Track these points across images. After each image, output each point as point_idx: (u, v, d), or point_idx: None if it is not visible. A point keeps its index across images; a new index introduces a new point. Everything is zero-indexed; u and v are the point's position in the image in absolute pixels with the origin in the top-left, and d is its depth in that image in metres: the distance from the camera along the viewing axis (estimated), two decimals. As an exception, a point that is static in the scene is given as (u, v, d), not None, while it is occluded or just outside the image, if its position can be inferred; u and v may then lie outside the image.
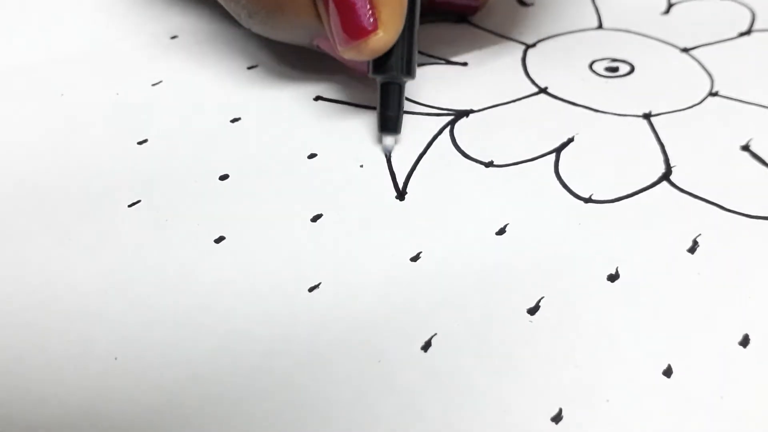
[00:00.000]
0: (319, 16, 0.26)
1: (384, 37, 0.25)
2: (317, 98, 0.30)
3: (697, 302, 0.22)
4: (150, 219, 0.24)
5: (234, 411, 0.19)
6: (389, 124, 0.27)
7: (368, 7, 0.25)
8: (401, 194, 0.25)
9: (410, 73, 0.27)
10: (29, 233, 0.23)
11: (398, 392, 0.19)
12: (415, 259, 0.23)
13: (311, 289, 0.22)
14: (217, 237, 0.23)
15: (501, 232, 0.24)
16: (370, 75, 0.27)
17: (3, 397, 0.19)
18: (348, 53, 0.25)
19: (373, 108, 0.28)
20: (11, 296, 0.21)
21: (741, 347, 0.21)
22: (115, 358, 0.20)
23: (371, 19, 0.25)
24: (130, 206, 0.24)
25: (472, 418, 0.19)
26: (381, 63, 0.26)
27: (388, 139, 0.27)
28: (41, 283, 0.22)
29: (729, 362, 0.20)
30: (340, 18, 0.25)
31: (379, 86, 0.27)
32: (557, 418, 0.19)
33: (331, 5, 0.25)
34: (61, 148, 0.27)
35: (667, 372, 0.20)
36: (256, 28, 0.28)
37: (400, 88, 0.27)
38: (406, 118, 0.29)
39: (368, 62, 0.27)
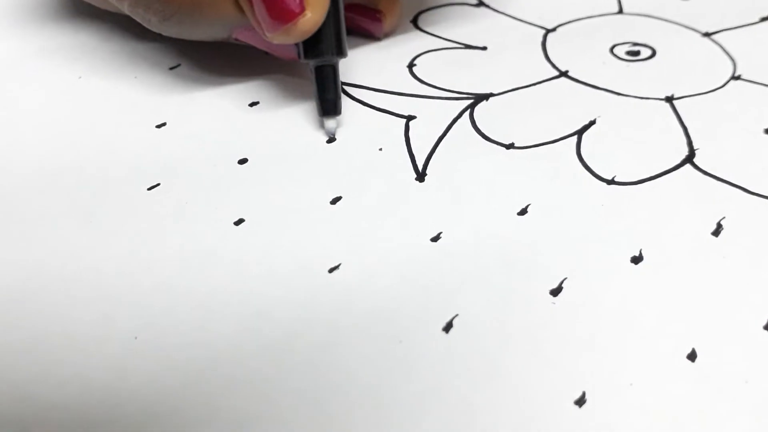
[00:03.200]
0: (238, 8, 0.26)
1: (312, 17, 0.25)
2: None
3: (721, 285, 0.22)
4: (170, 202, 0.24)
5: (254, 392, 0.19)
6: (328, 106, 0.27)
7: None
8: (421, 176, 0.25)
9: (341, 53, 0.26)
10: (51, 216, 0.23)
11: (419, 373, 0.19)
12: (435, 239, 0.23)
13: (331, 270, 0.22)
14: (236, 219, 0.23)
15: (523, 212, 0.24)
16: (302, 60, 0.26)
17: (25, 376, 0.19)
18: (277, 38, 0.25)
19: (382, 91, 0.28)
20: (34, 277, 0.21)
21: (766, 331, 0.20)
22: (135, 338, 0.20)
23: (298, 1, 0.24)
24: (149, 189, 0.24)
25: (494, 401, 0.19)
26: (312, 46, 0.26)
27: (330, 122, 0.27)
28: (63, 265, 0.22)
29: (753, 346, 0.20)
30: (265, 4, 0.25)
31: (313, 70, 0.27)
32: (581, 401, 0.19)
33: None
34: (80, 132, 0.27)
35: (692, 356, 0.20)
36: (170, 31, 0.28)
37: (334, 69, 0.27)
38: (425, 102, 0.29)
39: (298, 48, 0.26)
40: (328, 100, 0.27)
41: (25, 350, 0.19)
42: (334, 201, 0.24)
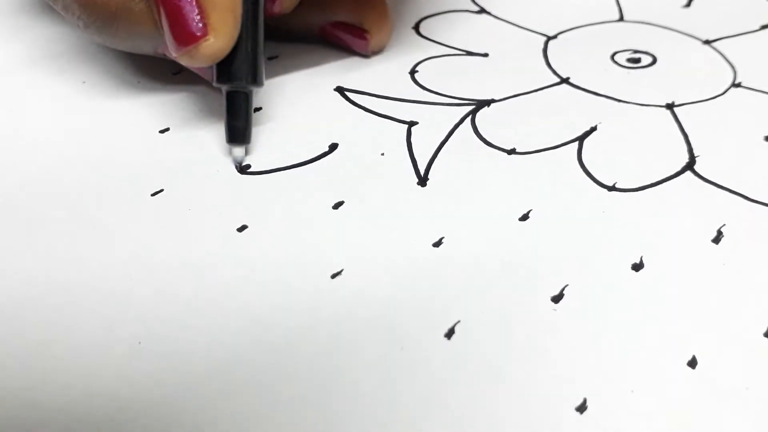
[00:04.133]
0: (154, 23, 0.25)
1: (215, 43, 0.24)
2: (337, 88, 0.30)
3: (721, 292, 0.22)
4: (173, 207, 0.24)
5: (256, 397, 0.19)
6: (236, 134, 0.26)
7: (196, 12, 0.24)
8: (423, 180, 0.25)
9: (256, 81, 0.26)
10: (53, 221, 0.23)
11: (421, 380, 0.19)
12: (437, 244, 0.23)
13: (334, 276, 0.22)
14: (239, 225, 0.23)
15: (524, 218, 0.24)
16: (214, 84, 0.26)
17: (28, 379, 0.19)
18: (182, 59, 0.24)
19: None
20: (37, 282, 0.21)
21: (766, 338, 0.20)
22: (139, 343, 0.20)
23: (200, 24, 0.24)
24: (153, 195, 0.24)
25: (496, 407, 0.19)
26: (224, 71, 0.25)
27: (237, 151, 0.26)
28: (66, 270, 0.22)
29: (754, 353, 0.20)
30: (169, 24, 0.24)
31: (224, 95, 0.26)
32: (582, 408, 0.19)
33: (162, 11, 0.24)
34: (83, 137, 0.27)
35: (692, 363, 0.20)
36: (95, 39, 0.27)
37: (247, 97, 0.26)
38: (427, 108, 0.29)
39: (212, 70, 0.25)
40: (237, 128, 0.26)
41: (29, 355, 0.19)
42: (336, 206, 0.24)
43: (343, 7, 0.31)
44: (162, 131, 0.27)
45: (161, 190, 0.25)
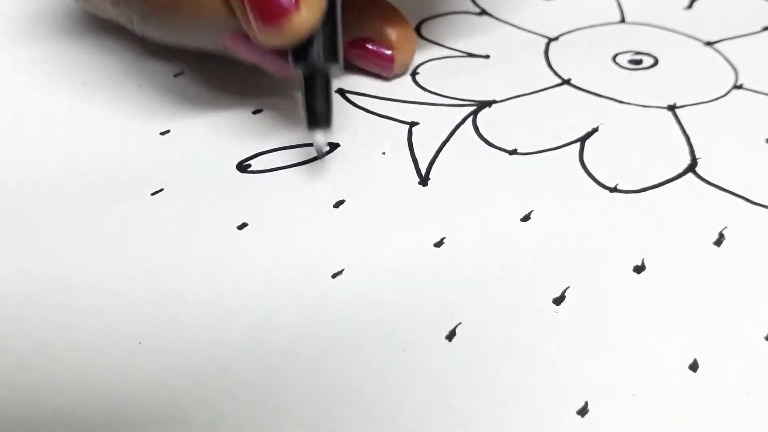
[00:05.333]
0: (224, 7, 0.24)
1: (306, 15, 0.23)
2: (339, 90, 0.30)
3: (723, 296, 0.22)
4: (173, 207, 0.24)
5: (257, 398, 0.19)
6: (317, 118, 0.25)
7: None
8: (424, 180, 0.25)
9: (336, 59, 0.24)
10: (54, 222, 0.23)
11: (422, 381, 0.19)
12: (438, 245, 0.23)
13: (335, 276, 0.22)
14: (239, 224, 0.23)
15: (526, 218, 0.24)
16: (292, 66, 0.24)
17: (29, 381, 0.19)
18: (270, 39, 0.23)
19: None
20: (37, 283, 0.21)
21: (767, 342, 0.20)
22: (139, 342, 0.20)
23: None
24: (153, 194, 0.24)
25: (497, 409, 0.19)
26: (302, 52, 0.24)
27: (319, 136, 0.25)
28: (66, 270, 0.22)
29: (755, 357, 0.20)
30: (255, 1, 0.23)
31: (302, 79, 0.24)
32: (583, 411, 0.19)
33: None
34: (84, 138, 0.27)
35: (693, 366, 0.20)
36: (151, 33, 0.26)
37: (327, 78, 0.24)
38: (429, 109, 0.29)
39: (289, 54, 0.24)
40: (317, 112, 0.24)
41: (30, 355, 0.19)
42: (337, 205, 0.24)
43: (367, 23, 0.30)
44: (162, 133, 0.27)
45: (161, 190, 0.25)
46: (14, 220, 0.23)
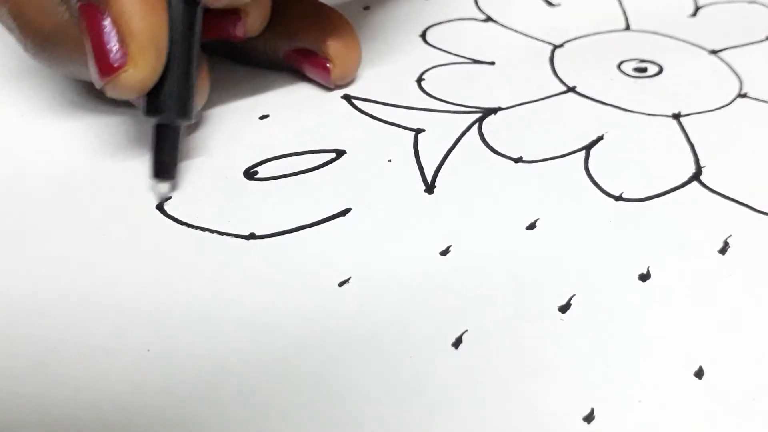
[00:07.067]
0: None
1: (134, 73, 0.23)
2: (344, 96, 0.30)
3: (728, 303, 0.22)
4: (180, 215, 0.24)
5: (264, 405, 0.19)
6: (161, 168, 0.25)
7: (116, 41, 0.23)
8: (430, 188, 0.25)
9: (186, 115, 0.24)
10: (63, 229, 0.23)
11: (429, 389, 0.19)
12: (444, 253, 0.23)
13: (341, 284, 0.22)
14: (247, 233, 0.23)
15: (531, 227, 0.24)
16: (143, 115, 0.24)
17: (38, 386, 0.19)
18: (107, 91, 0.23)
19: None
20: (46, 289, 0.21)
21: (773, 349, 0.20)
22: (148, 350, 0.20)
23: (118, 55, 0.23)
24: (161, 202, 0.25)
25: (504, 417, 0.19)
26: (152, 102, 0.24)
27: (162, 186, 0.25)
28: (75, 277, 0.22)
29: (761, 364, 0.20)
30: (92, 52, 0.23)
31: (153, 128, 0.25)
32: (589, 418, 0.19)
33: (85, 39, 0.23)
34: (91, 145, 0.27)
35: (699, 373, 0.20)
36: (36, 60, 0.27)
37: (175, 131, 0.25)
38: (434, 115, 0.29)
39: (142, 104, 0.24)
40: (162, 162, 0.25)
41: (39, 362, 0.20)
42: (344, 213, 0.24)
43: (307, 34, 0.29)
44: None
45: (169, 198, 0.25)
46: (22, 226, 0.24)
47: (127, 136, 0.27)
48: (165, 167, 0.25)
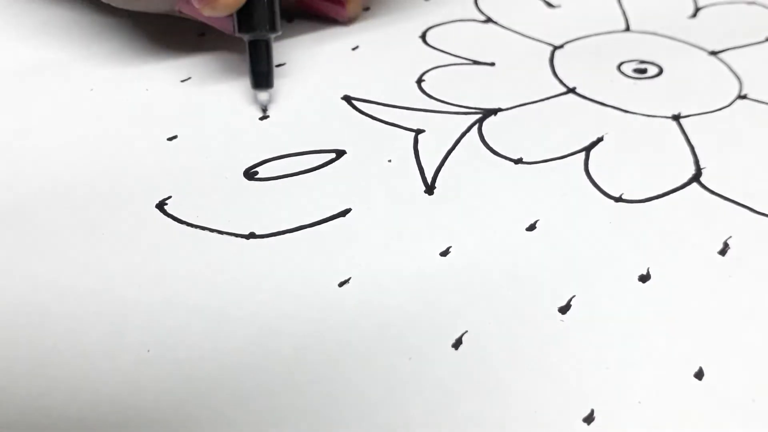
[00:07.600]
0: None
1: None
2: (345, 97, 0.30)
3: (727, 304, 0.22)
4: (181, 215, 0.24)
5: (264, 405, 0.19)
6: (261, 79, 0.28)
7: None
8: (430, 188, 0.25)
9: (274, 28, 0.28)
10: (62, 229, 0.23)
11: (429, 389, 0.19)
12: (444, 253, 0.23)
13: (341, 284, 0.22)
14: (247, 233, 0.23)
15: (531, 228, 0.24)
16: (236, 34, 0.28)
17: (38, 386, 0.19)
18: (205, 10, 0.27)
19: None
20: (45, 290, 0.21)
21: (773, 350, 0.20)
22: (148, 351, 0.20)
23: None
24: (161, 202, 0.25)
25: (504, 417, 0.19)
26: (244, 21, 0.28)
27: (263, 95, 0.29)
28: (75, 278, 0.22)
29: (760, 365, 0.20)
30: None
31: (247, 44, 0.28)
32: (589, 419, 0.19)
33: None
34: (91, 144, 0.27)
35: (699, 374, 0.20)
36: (116, 1, 0.29)
37: (267, 44, 0.28)
38: (434, 116, 0.29)
39: (233, 22, 0.28)
40: (260, 73, 0.28)
41: (39, 362, 0.20)
42: (344, 213, 0.24)
43: None
44: (170, 138, 0.27)
45: (169, 197, 0.25)
46: (22, 227, 0.23)
47: (128, 136, 0.27)
48: (263, 77, 0.28)
